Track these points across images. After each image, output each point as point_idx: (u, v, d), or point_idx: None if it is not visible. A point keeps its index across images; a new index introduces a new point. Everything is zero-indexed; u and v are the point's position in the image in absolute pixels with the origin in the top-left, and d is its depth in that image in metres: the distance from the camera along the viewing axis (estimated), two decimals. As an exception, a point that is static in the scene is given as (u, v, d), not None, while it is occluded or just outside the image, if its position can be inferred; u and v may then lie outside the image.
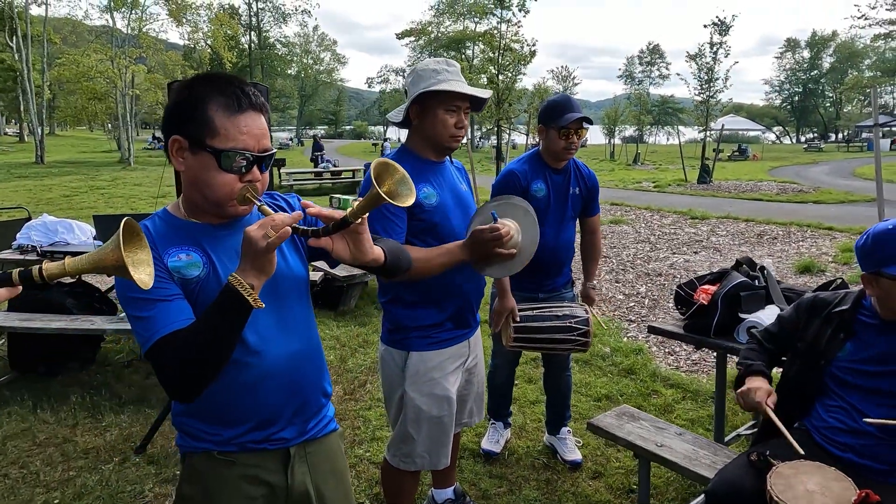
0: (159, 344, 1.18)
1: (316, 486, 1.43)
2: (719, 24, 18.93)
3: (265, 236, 1.12)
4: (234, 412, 1.32)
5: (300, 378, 1.38)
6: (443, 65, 1.97)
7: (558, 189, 2.68)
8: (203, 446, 1.34)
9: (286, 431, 1.38)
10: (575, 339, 2.50)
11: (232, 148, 1.20)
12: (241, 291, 1.13)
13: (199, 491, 1.35)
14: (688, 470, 2.12)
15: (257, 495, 1.36)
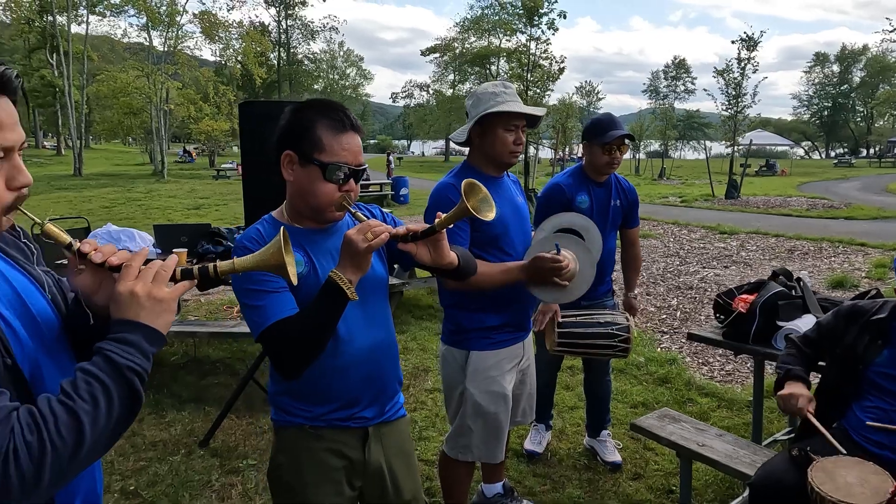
0: (270, 329, 1.38)
1: (388, 464, 1.61)
2: (747, 39, 18.92)
3: (365, 239, 1.31)
4: (325, 393, 1.51)
5: (380, 365, 1.57)
6: (500, 87, 2.17)
7: (600, 201, 2.84)
8: (296, 421, 1.53)
9: (366, 412, 1.56)
10: (616, 345, 2.64)
11: (335, 161, 1.41)
12: (342, 285, 1.32)
13: (290, 459, 1.54)
14: (729, 467, 2.24)
15: (339, 466, 1.54)
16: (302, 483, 1.52)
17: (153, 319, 0.94)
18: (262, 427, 3.42)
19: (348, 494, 1.56)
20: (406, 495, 1.63)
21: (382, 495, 1.60)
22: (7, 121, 0.87)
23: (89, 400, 0.84)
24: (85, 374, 0.86)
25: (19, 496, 0.78)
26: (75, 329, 1.05)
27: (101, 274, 1.01)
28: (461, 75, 51.31)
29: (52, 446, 0.80)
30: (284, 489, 1.55)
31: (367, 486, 1.59)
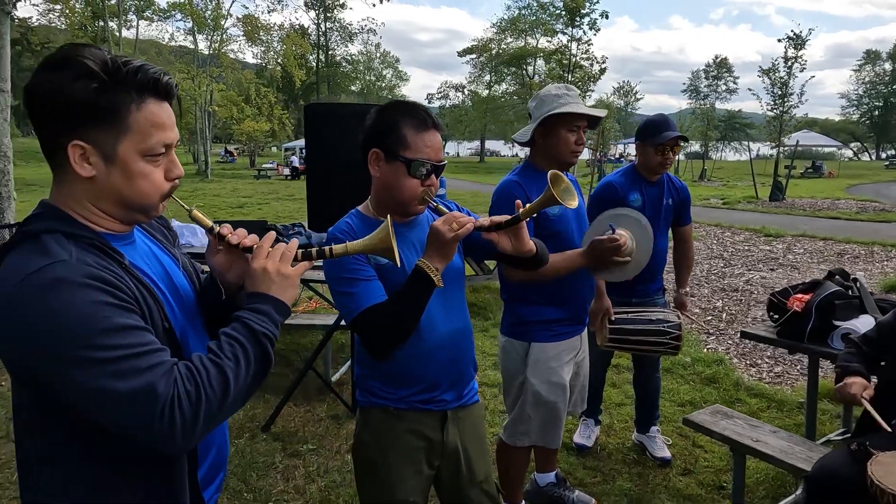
0: (363, 314, 1.49)
1: (463, 446, 1.71)
2: (794, 37, 18.43)
3: (451, 229, 1.42)
4: (408, 376, 1.62)
5: (459, 351, 1.68)
6: (563, 90, 2.26)
7: (653, 200, 2.89)
8: (380, 402, 1.65)
9: (446, 395, 1.67)
10: (667, 342, 2.69)
11: (418, 158, 1.52)
12: (429, 273, 1.43)
13: (374, 438, 1.66)
14: (785, 463, 2.27)
15: (419, 447, 1.65)
16: (385, 461, 1.63)
17: (281, 293, 1.07)
18: (318, 415, 3.58)
19: (426, 473, 1.67)
20: (479, 476, 1.73)
21: (457, 476, 1.71)
22: (169, 122, 1.00)
23: (233, 359, 0.98)
24: (228, 337, 1.00)
25: (180, 439, 0.91)
26: (207, 302, 1.20)
27: (234, 254, 1.15)
28: (497, 76, 51.27)
29: (206, 396, 0.93)
30: (368, 466, 1.67)
31: (444, 466, 1.70)
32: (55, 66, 0.93)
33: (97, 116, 0.94)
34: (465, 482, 1.71)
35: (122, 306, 0.92)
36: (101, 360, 0.87)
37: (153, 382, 0.89)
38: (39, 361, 0.89)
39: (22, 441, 1.03)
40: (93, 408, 0.90)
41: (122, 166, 0.97)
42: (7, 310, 0.88)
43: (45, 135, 0.96)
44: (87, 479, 1.00)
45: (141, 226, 1.15)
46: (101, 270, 0.93)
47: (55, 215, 0.98)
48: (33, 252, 0.92)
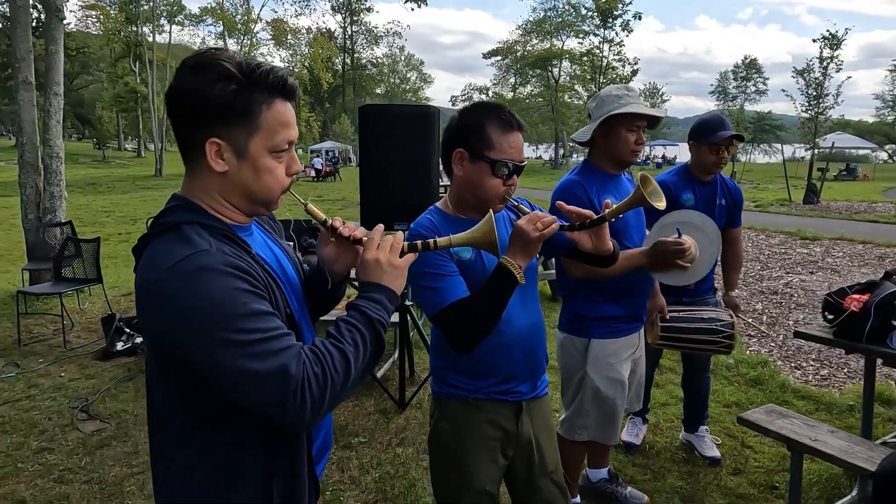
0: (447, 309, 1.54)
1: (536, 436, 1.75)
2: (830, 37, 18.07)
3: (536, 228, 1.46)
4: (487, 368, 1.67)
5: (534, 345, 1.72)
6: (623, 90, 2.29)
7: (706, 200, 2.90)
8: (459, 393, 1.70)
9: (522, 387, 1.72)
10: (720, 340, 2.70)
11: (502, 159, 1.56)
12: (513, 270, 1.48)
13: (452, 427, 1.71)
14: (846, 462, 2.26)
15: (495, 436, 1.70)
16: (462, 449, 1.68)
17: (392, 282, 1.13)
18: (367, 409, 3.65)
19: (501, 463, 1.72)
20: (549, 467, 1.78)
21: (529, 466, 1.75)
22: (292, 120, 1.07)
23: (352, 343, 1.04)
24: (346, 324, 1.06)
25: (309, 417, 0.97)
26: (312, 290, 1.27)
27: (343, 246, 1.22)
28: (522, 78, 51.15)
29: (332, 378, 0.99)
30: (445, 453, 1.72)
31: (517, 456, 1.74)
32: (196, 69, 1.00)
33: (233, 115, 1.01)
34: (537, 472, 1.76)
35: (255, 293, 0.99)
36: (240, 342, 0.94)
37: (286, 364, 0.95)
38: (186, 342, 0.95)
39: (156, 424, 1.10)
40: (231, 387, 0.95)
41: (251, 162, 1.04)
42: (158, 295, 0.96)
43: (184, 133, 1.03)
44: (217, 454, 1.06)
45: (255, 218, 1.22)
46: (236, 259, 1.00)
47: (190, 207, 1.05)
48: (177, 241, 0.99)
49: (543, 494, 1.76)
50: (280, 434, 1.08)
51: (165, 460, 1.10)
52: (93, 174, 28.74)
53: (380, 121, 3.14)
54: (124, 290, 6.73)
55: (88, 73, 54.22)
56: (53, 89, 6.34)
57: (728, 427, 3.42)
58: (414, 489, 2.82)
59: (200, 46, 38.98)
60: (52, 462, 3.09)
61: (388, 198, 3.23)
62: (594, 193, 2.21)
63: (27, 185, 6.39)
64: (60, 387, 4.05)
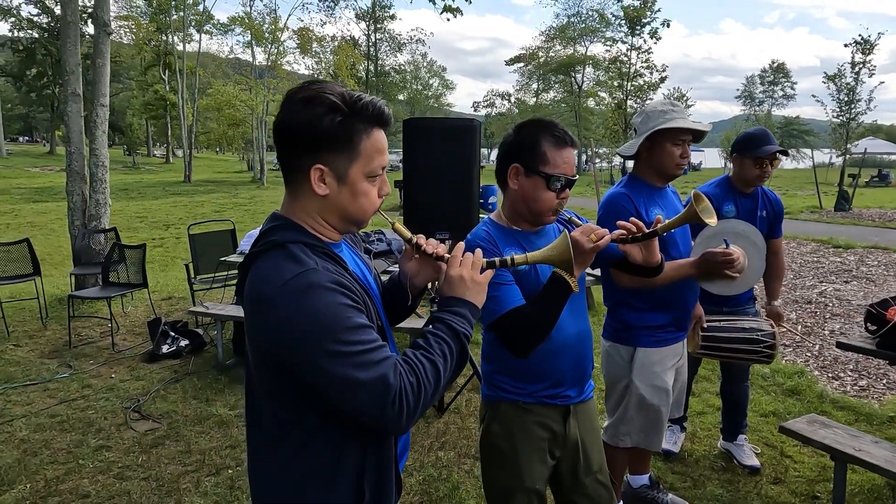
0: (506, 317, 1.63)
1: (582, 438, 1.83)
2: (862, 42, 17.78)
3: (590, 240, 1.54)
4: (538, 373, 1.75)
5: (582, 350, 1.80)
6: (668, 105, 2.36)
7: (747, 211, 2.94)
8: (510, 397, 1.78)
9: (570, 391, 1.80)
10: (760, 350, 2.73)
11: (556, 174, 1.65)
12: (567, 279, 1.55)
13: (504, 429, 1.79)
14: (891, 472, 2.29)
15: (545, 437, 1.78)
16: (513, 450, 1.77)
17: (475, 297, 1.22)
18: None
19: (550, 463, 1.80)
20: (594, 467, 1.85)
21: (575, 466, 1.83)
22: (385, 147, 1.17)
23: (441, 354, 1.13)
24: (434, 336, 1.15)
25: (405, 423, 1.06)
26: (391, 301, 1.36)
27: (425, 262, 1.31)
28: (545, 84, 51.08)
29: (424, 387, 1.08)
30: (497, 454, 1.80)
31: (565, 456, 1.82)
32: (306, 102, 1.10)
33: (338, 144, 1.11)
34: (583, 472, 1.83)
35: (356, 307, 1.08)
36: (346, 353, 1.03)
37: (386, 374, 1.04)
38: (296, 353, 1.04)
39: (255, 425, 1.20)
40: (335, 393, 1.05)
41: (350, 186, 1.14)
42: (271, 309, 1.05)
43: (290, 158, 1.13)
44: (315, 453, 1.15)
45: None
46: (338, 276, 1.09)
47: (292, 227, 1.15)
48: (285, 259, 1.08)
49: (589, 493, 1.83)
50: (371, 435, 1.17)
51: (265, 459, 1.20)
52: (124, 180, 29.46)
53: (423, 133, 3.23)
54: (164, 294, 6.95)
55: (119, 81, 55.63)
56: (100, 101, 6.59)
57: (766, 436, 3.44)
58: (457, 492, 2.90)
59: (229, 55, 39.81)
60: (111, 459, 3.24)
61: (429, 207, 3.32)
62: (641, 205, 2.27)
63: (74, 192, 6.64)
64: (112, 387, 4.22)
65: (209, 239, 6.08)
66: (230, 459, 3.23)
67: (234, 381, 4.30)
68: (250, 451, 1.24)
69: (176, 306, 6.43)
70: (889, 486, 2.86)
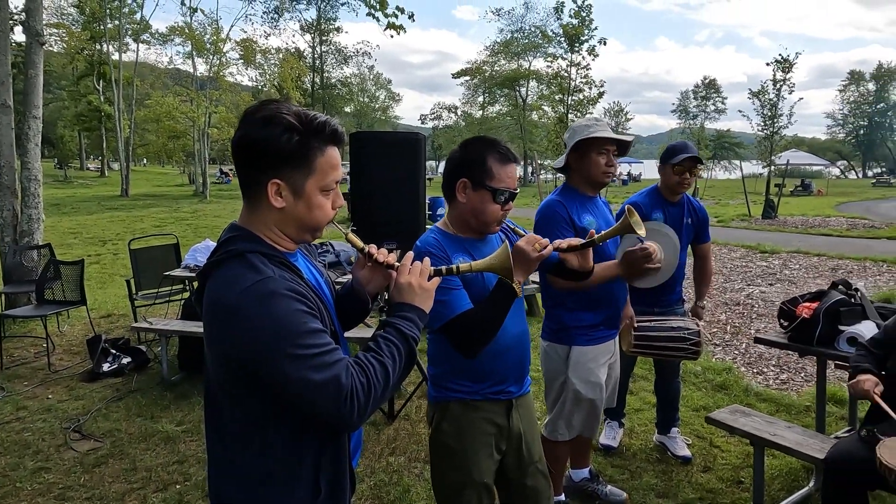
0: (455, 320, 1.74)
1: (524, 429, 1.97)
2: (782, 61, 19.06)
3: (535, 249, 1.69)
4: (484, 372, 1.87)
5: (522, 349, 1.95)
6: (592, 120, 2.56)
7: (674, 219, 3.17)
8: (459, 396, 1.89)
9: (512, 387, 1.93)
10: (687, 347, 2.95)
11: (501, 187, 1.79)
12: (513, 285, 1.68)
13: (453, 427, 1.89)
14: (801, 453, 2.52)
15: (491, 432, 1.90)
16: (463, 446, 1.87)
17: (423, 303, 1.31)
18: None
19: (496, 457, 1.91)
20: (535, 457, 1.99)
21: (519, 456, 1.96)
22: (339, 163, 1.25)
23: (390, 356, 1.22)
24: (384, 339, 1.24)
25: (356, 420, 1.14)
26: (345, 308, 1.45)
27: (376, 270, 1.41)
28: (490, 97, 52.05)
29: (374, 386, 1.17)
30: (447, 452, 1.90)
31: (510, 449, 1.94)
32: (265, 121, 1.17)
33: (294, 161, 1.18)
34: (526, 462, 1.96)
35: (311, 313, 1.15)
36: (302, 356, 1.10)
37: (338, 375, 1.12)
38: (255, 356, 1.11)
39: (216, 430, 1.25)
40: (293, 393, 1.12)
41: (306, 199, 1.22)
42: (231, 315, 1.12)
43: (249, 173, 1.20)
44: (274, 453, 1.21)
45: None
46: (293, 284, 1.17)
47: (250, 237, 1.21)
48: (244, 268, 1.15)
49: (530, 482, 1.96)
50: (327, 434, 1.25)
51: (226, 462, 1.25)
52: (56, 194, 28.04)
53: (370, 146, 3.34)
54: (103, 312, 6.72)
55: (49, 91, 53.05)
56: (32, 112, 6.36)
57: (697, 429, 3.68)
58: (408, 494, 2.98)
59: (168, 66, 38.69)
60: (51, 481, 3.15)
61: (377, 218, 3.42)
62: (574, 212, 2.45)
63: (4, 207, 6.36)
64: (49, 408, 4.08)
65: (151, 254, 5.95)
66: (178, 475, 3.20)
67: (181, 398, 4.23)
68: (211, 460, 1.28)
69: (116, 323, 6.24)
70: (805, 469, 3.12)
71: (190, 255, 4.98)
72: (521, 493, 1.97)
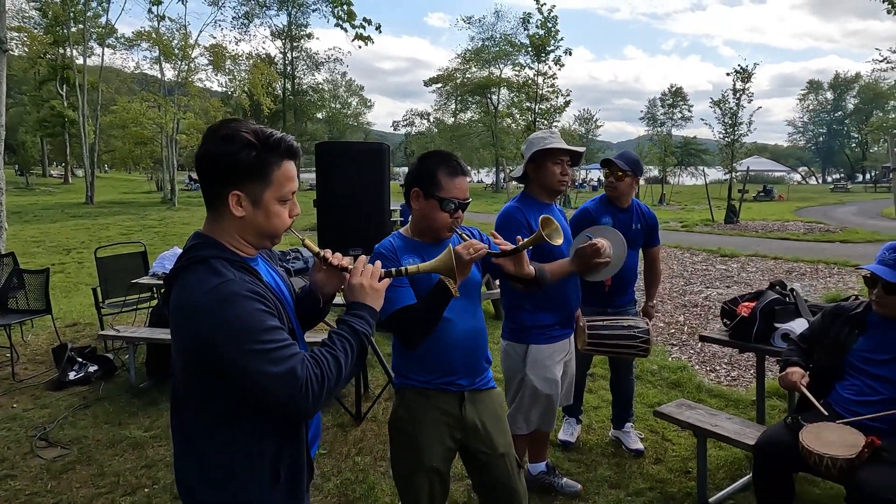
0: (396, 313, 1.90)
1: (482, 421, 2.10)
2: (741, 71, 19.75)
3: (468, 253, 1.84)
4: (433, 363, 2.03)
5: (473, 346, 2.09)
6: (547, 133, 2.73)
7: (622, 224, 3.35)
8: (413, 384, 2.06)
9: (462, 381, 2.08)
10: (638, 345, 3.13)
11: (449, 197, 1.94)
12: (449, 285, 1.83)
13: (407, 413, 2.05)
14: (738, 441, 2.71)
15: (442, 420, 2.05)
16: (415, 431, 2.03)
17: (373, 302, 1.45)
18: (325, 424, 3.88)
19: (449, 445, 2.06)
20: (500, 449, 2.12)
21: (480, 446, 2.09)
22: (294, 175, 1.38)
23: (343, 350, 1.34)
24: (337, 335, 1.37)
25: (311, 408, 1.27)
26: (304, 308, 1.57)
27: (331, 273, 1.53)
28: (462, 104, 52.48)
29: (328, 377, 1.29)
30: (401, 436, 2.06)
31: (467, 438, 2.08)
32: (225, 138, 1.29)
33: (253, 174, 1.31)
34: (491, 453, 2.09)
35: (269, 312, 1.28)
36: (261, 351, 1.22)
37: (294, 367, 1.24)
38: (219, 352, 1.22)
39: (180, 426, 1.36)
40: (253, 385, 1.23)
41: (264, 209, 1.34)
42: (195, 315, 1.23)
43: (211, 186, 1.32)
44: (236, 445, 1.33)
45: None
46: (253, 286, 1.29)
47: (213, 244, 1.33)
48: (208, 272, 1.27)
49: (494, 471, 2.09)
50: (286, 425, 1.37)
51: (190, 455, 1.36)
52: (17, 202, 27.29)
53: (335, 156, 3.45)
54: (68, 321, 6.67)
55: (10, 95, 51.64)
56: (-4, 120, 6.29)
57: (651, 424, 3.86)
58: (373, 491, 3.09)
59: (135, 71, 38.01)
60: (18, 488, 3.17)
61: (343, 225, 3.53)
62: (531, 217, 2.62)
63: (-35, 216, 6.27)
64: (14, 417, 4.07)
65: (118, 262, 5.94)
66: (146, 479, 3.25)
67: (149, 404, 4.26)
68: (177, 455, 1.39)
69: (82, 332, 6.20)
70: (747, 458, 3.32)
71: (158, 262, 5.00)
72: (489, 484, 2.11)
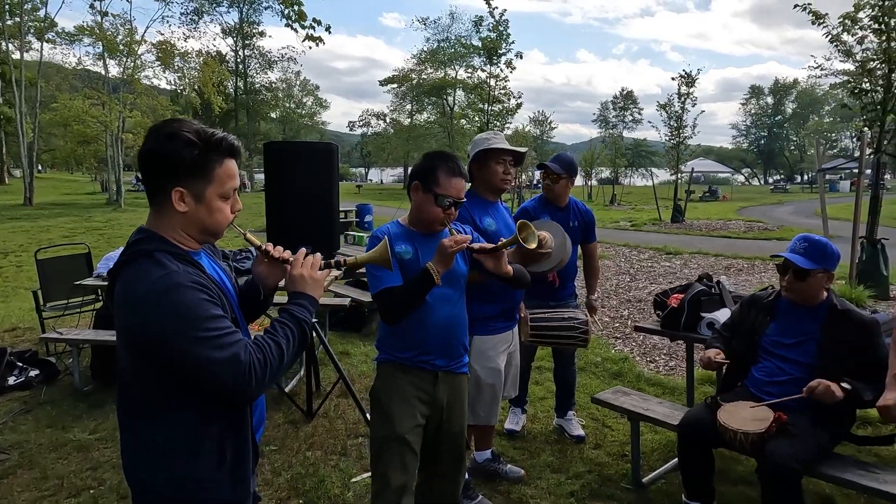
0: (381, 292, 2.09)
1: (448, 402, 2.26)
2: (686, 76, 20.53)
3: (451, 246, 2.01)
4: (411, 340, 2.19)
5: (450, 332, 2.24)
6: (491, 134, 2.87)
7: (560, 222, 3.50)
8: (391, 358, 2.22)
9: (437, 361, 2.23)
10: (578, 335, 3.30)
11: (444, 194, 2.12)
12: (432, 273, 2.01)
13: (384, 385, 2.22)
14: (667, 423, 2.91)
15: (415, 395, 2.20)
16: (389, 402, 2.18)
17: (313, 291, 1.53)
18: (276, 421, 3.92)
19: (419, 419, 2.20)
20: (455, 428, 2.29)
21: (440, 423, 2.25)
22: (236, 173, 1.44)
23: (284, 337, 1.42)
24: (279, 323, 1.45)
25: (254, 392, 1.34)
26: (247, 300, 1.64)
27: (273, 266, 1.61)
28: (418, 105, 52.60)
29: (270, 362, 1.36)
30: (378, 406, 2.22)
31: (432, 415, 2.23)
32: (168, 136, 1.35)
33: (195, 172, 1.37)
34: (445, 431, 2.25)
35: (212, 301, 1.34)
36: (207, 338, 1.28)
37: (238, 353, 1.31)
38: (165, 341, 1.28)
39: (127, 413, 1.41)
40: (198, 371, 1.29)
41: (206, 205, 1.40)
42: (142, 306, 1.29)
43: (155, 183, 1.38)
44: (183, 428, 1.39)
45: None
46: (197, 277, 1.35)
47: (157, 238, 1.39)
48: (152, 265, 1.32)
49: (449, 447, 2.27)
50: (231, 408, 1.43)
51: (137, 442, 1.41)
52: (-52, 204, 25.91)
53: (283, 156, 3.49)
54: (6, 326, 6.44)
55: (-61, 91, 48.89)
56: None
57: (593, 412, 4.05)
58: (323, 484, 3.15)
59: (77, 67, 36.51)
60: (-46, 494, 3.09)
61: (291, 226, 3.57)
62: (476, 215, 2.76)
63: None
64: (-50, 424, 3.94)
65: (60, 264, 5.78)
66: (91, 480, 3.22)
67: (94, 407, 4.19)
68: (124, 444, 1.44)
69: (22, 337, 6.00)
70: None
71: (103, 263, 4.91)
72: (437, 457, 2.28)
